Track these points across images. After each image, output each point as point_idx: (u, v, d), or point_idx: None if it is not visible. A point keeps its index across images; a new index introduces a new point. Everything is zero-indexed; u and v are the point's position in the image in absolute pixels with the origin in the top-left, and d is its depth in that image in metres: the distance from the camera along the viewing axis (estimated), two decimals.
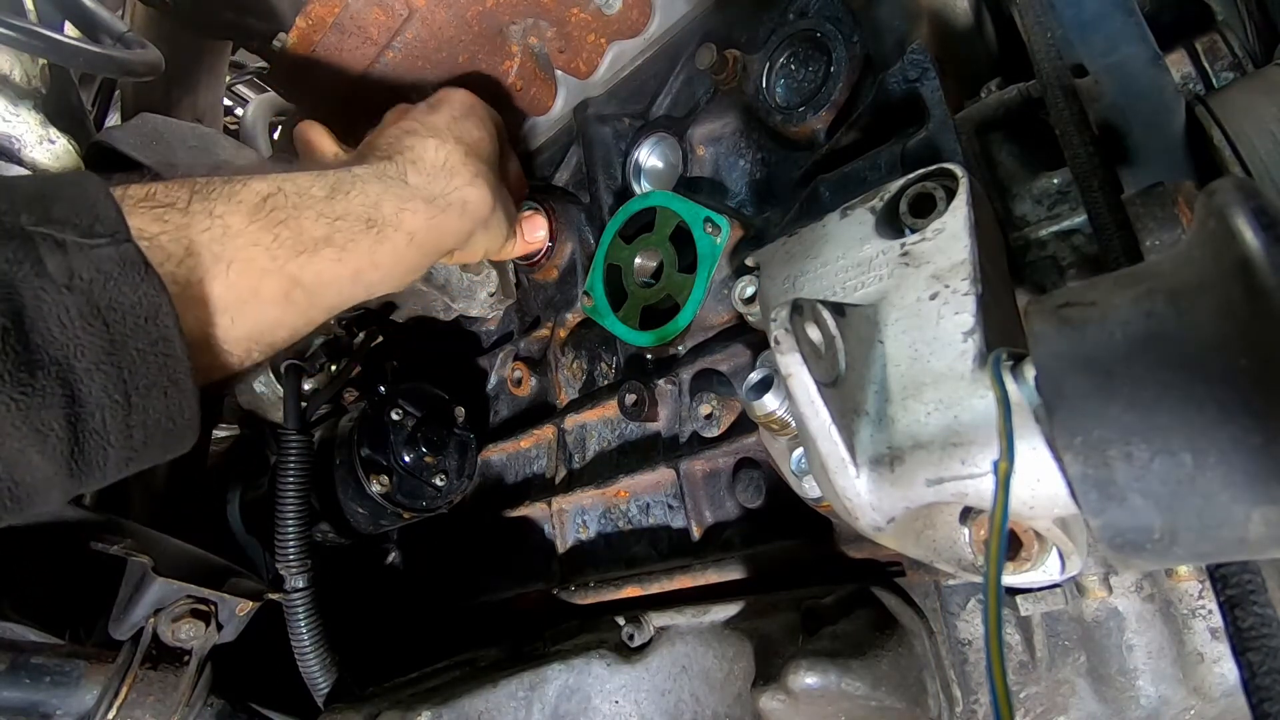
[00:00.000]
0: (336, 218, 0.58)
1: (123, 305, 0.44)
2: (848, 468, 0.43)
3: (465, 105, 0.73)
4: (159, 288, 0.46)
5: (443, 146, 0.67)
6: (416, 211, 0.63)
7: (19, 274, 0.41)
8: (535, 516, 0.95)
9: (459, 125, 0.71)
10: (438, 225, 0.65)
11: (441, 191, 0.66)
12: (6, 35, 0.62)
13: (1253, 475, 0.30)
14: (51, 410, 0.42)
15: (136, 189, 0.50)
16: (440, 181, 0.66)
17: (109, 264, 0.44)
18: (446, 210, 0.66)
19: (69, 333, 0.42)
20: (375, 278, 0.62)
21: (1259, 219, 0.29)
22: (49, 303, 0.42)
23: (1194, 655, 0.54)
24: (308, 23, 0.79)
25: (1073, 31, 0.61)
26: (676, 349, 0.79)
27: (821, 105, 0.71)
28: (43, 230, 0.43)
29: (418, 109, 0.72)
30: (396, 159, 0.65)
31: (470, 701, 0.69)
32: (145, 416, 0.46)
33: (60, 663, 0.67)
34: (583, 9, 0.85)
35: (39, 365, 0.41)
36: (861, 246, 0.53)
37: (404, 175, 0.64)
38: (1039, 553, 0.44)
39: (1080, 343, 0.34)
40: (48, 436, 0.42)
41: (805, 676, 0.55)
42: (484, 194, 0.70)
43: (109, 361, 0.44)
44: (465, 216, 0.68)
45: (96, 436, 0.44)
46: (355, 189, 0.60)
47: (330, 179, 0.59)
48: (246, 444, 1.15)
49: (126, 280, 0.45)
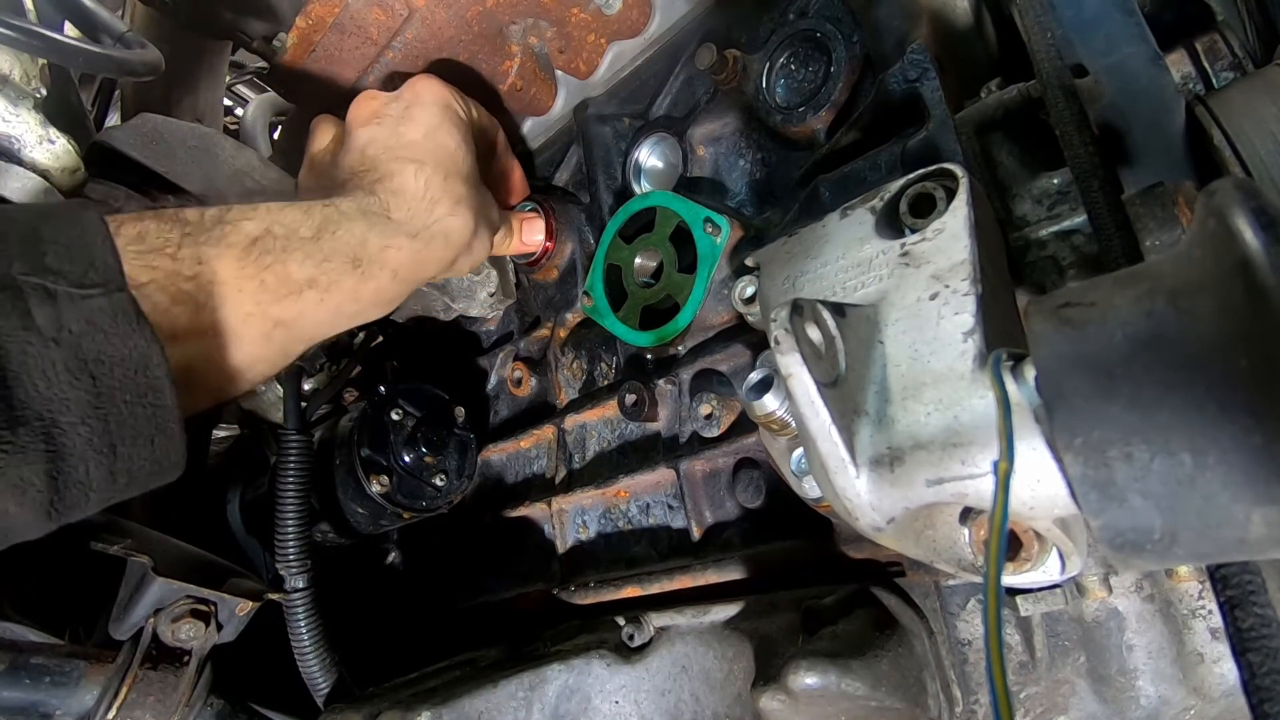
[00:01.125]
0: (323, 259, 0.58)
1: (112, 358, 0.44)
2: (848, 468, 0.43)
3: (438, 108, 0.71)
4: (150, 338, 0.46)
5: (422, 172, 0.66)
6: (400, 249, 0.63)
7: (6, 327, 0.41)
8: (535, 516, 0.95)
9: (434, 140, 0.69)
10: (421, 259, 0.66)
11: (424, 225, 0.66)
12: (6, 35, 0.62)
13: (1253, 475, 0.30)
14: (33, 466, 0.41)
15: (129, 227, 0.49)
16: (422, 214, 0.66)
17: (100, 315, 0.44)
18: (430, 244, 0.66)
19: (54, 388, 0.42)
20: (355, 310, 0.63)
21: (1259, 219, 0.29)
22: (34, 356, 0.42)
23: (1194, 655, 0.54)
24: (308, 23, 0.79)
25: (1073, 31, 0.61)
26: (676, 349, 0.79)
27: (821, 105, 0.71)
28: (34, 280, 0.43)
29: (389, 114, 0.70)
30: (379, 192, 0.64)
31: (470, 701, 0.69)
32: (130, 464, 0.46)
33: (60, 663, 0.67)
34: (583, 9, 0.85)
35: (21, 421, 0.41)
36: (861, 246, 0.53)
37: (387, 210, 0.64)
38: (1039, 553, 0.43)
39: (1080, 343, 0.34)
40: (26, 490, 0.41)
41: (805, 676, 0.55)
42: (465, 220, 0.69)
43: (95, 415, 0.43)
44: (449, 247, 0.68)
45: (79, 487, 0.44)
46: (341, 228, 0.60)
47: (317, 217, 0.59)
48: (246, 444, 1.15)
49: (117, 332, 0.44)
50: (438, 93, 0.72)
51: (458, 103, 0.74)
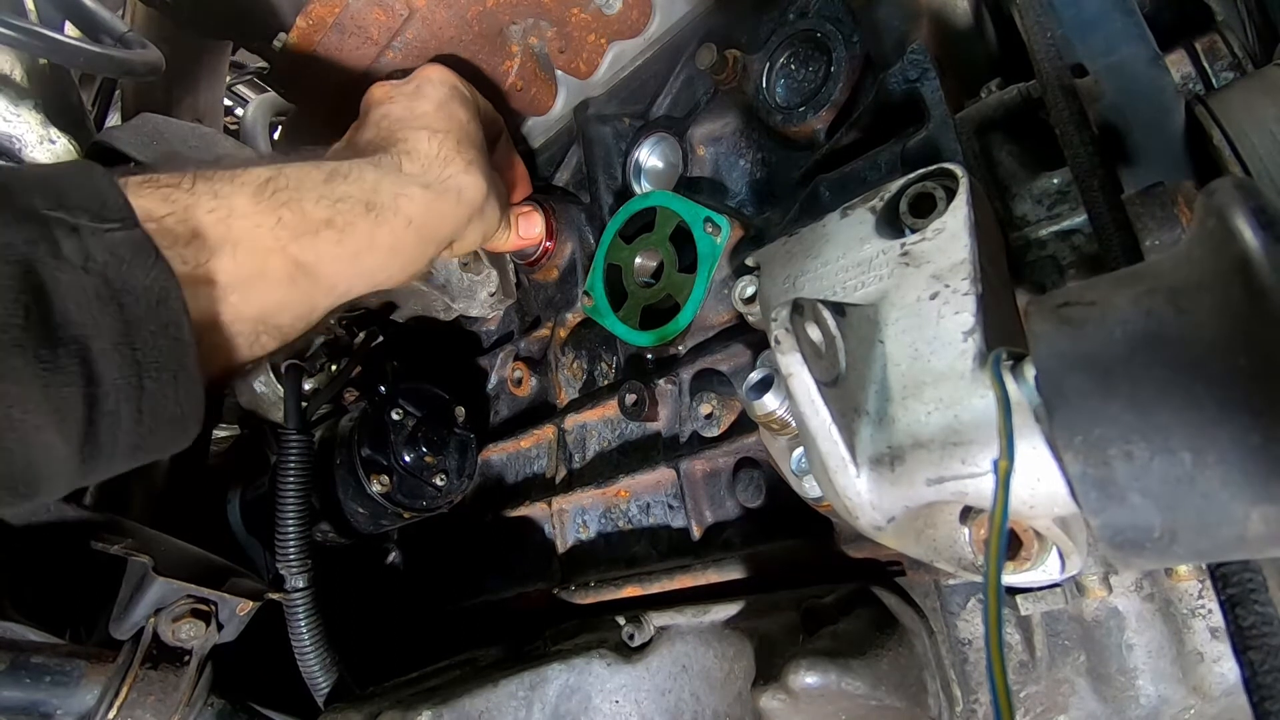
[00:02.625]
0: (337, 200, 0.58)
1: (135, 289, 0.45)
2: (848, 467, 0.43)
3: (447, 87, 0.73)
4: (168, 272, 0.46)
5: (434, 137, 0.68)
6: (413, 198, 0.64)
7: (37, 254, 0.42)
8: (535, 516, 0.95)
9: (446, 111, 0.71)
10: (435, 211, 0.66)
11: (437, 178, 0.67)
12: (7, 35, 0.62)
13: (1252, 474, 0.30)
14: (71, 389, 0.42)
15: (139, 176, 0.50)
16: (436, 169, 0.67)
17: (122, 248, 0.44)
18: (443, 196, 0.67)
19: (87, 313, 0.43)
20: (375, 263, 0.63)
21: (1259, 219, 0.29)
22: (66, 283, 0.42)
23: (1194, 654, 0.54)
24: (308, 23, 0.79)
25: (1073, 31, 0.61)
26: (676, 349, 0.79)
27: (821, 105, 0.71)
28: (56, 214, 0.43)
29: (402, 92, 0.72)
30: (391, 150, 0.66)
31: (470, 701, 0.69)
32: (155, 402, 0.46)
33: (60, 663, 0.67)
34: (583, 9, 0.85)
35: (60, 342, 0.42)
36: (861, 246, 0.53)
37: (399, 165, 0.65)
38: (1039, 552, 0.44)
39: (1080, 342, 0.34)
40: (66, 416, 0.42)
41: (805, 676, 0.55)
42: (478, 180, 0.70)
43: (125, 343, 0.44)
44: (461, 203, 0.69)
45: (110, 418, 0.44)
46: (353, 174, 0.61)
47: (327, 166, 0.60)
48: (246, 444, 1.15)
49: (139, 264, 0.45)
50: (445, 74, 0.75)
51: (465, 87, 0.76)
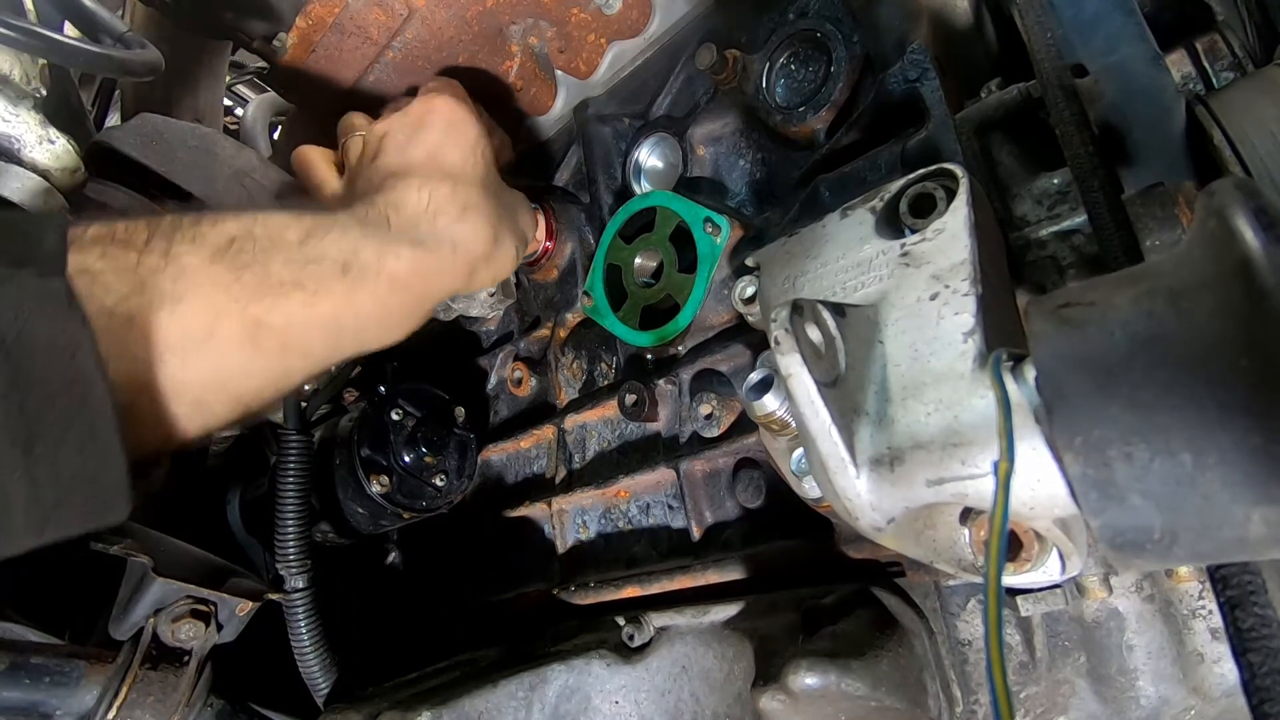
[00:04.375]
0: (308, 261, 0.55)
1: (35, 339, 0.40)
2: (848, 468, 0.43)
3: (445, 122, 0.70)
4: (81, 324, 0.42)
5: (424, 186, 0.64)
6: (400, 256, 0.60)
7: None
8: (535, 516, 0.95)
9: (440, 154, 0.68)
10: (426, 269, 0.62)
11: (428, 233, 0.63)
12: (6, 35, 0.62)
13: (1253, 475, 0.30)
14: None
15: (100, 227, 0.47)
16: (425, 224, 0.63)
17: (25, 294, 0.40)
18: (435, 251, 0.63)
19: None
20: (357, 326, 0.59)
21: (1259, 219, 0.29)
22: None
23: (1194, 655, 0.54)
24: (308, 23, 0.79)
25: (1073, 31, 0.61)
26: (676, 349, 0.79)
27: (821, 105, 0.71)
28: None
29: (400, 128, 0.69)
30: (379, 202, 0.62)
31: (470, 701, 0.69)
32: (55, 469, 0.40)
33: (60, 663, 0.67)
34: (583, 9, 0.85)
35: None
36: (861, 246, 0.53)
37: (386, 220, 0.62)
38: (1039, 553, 0.43)
39: (1080, 343, 0.34)
40: None
41: (805, 676, 0.55)
42: (475, 227, 0.67)
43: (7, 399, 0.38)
44: (458, 255, 0.65)
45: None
46: (333, 233, 0.57)
47: (307, 223, 0.56)
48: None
49: (45, 313, 0.40)
50: (447, 105, 0.71)
51: (468, 113, 0.72)
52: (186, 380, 0.48)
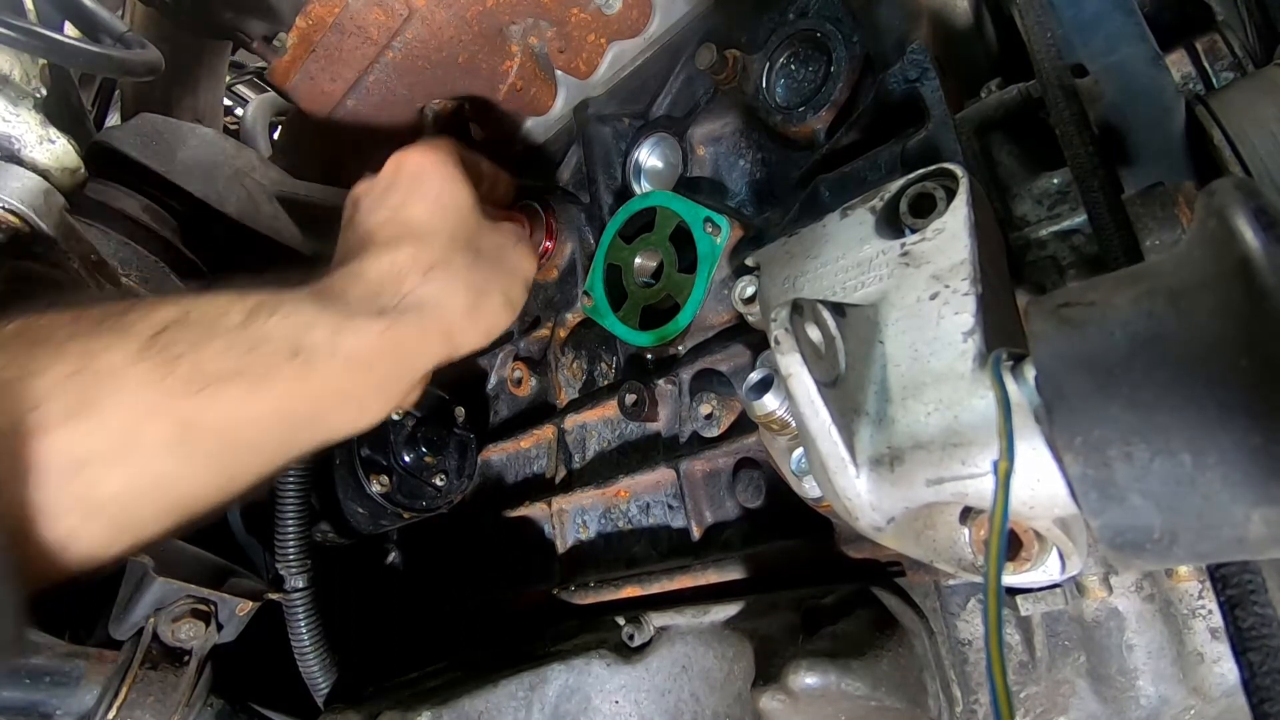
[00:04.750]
0: (251, 346, 0.49)
1: None
2: (848, 468, 0.43)
3: (410, 177, 0.65)
4: None
5: (386, 250, 0.60)
6: (359, 331, 0.54)
7: None
8: (535, 516, 0.95)
9: (403, 213, 0.63)
10: (393, 341, 0.56)
11: (391, 303, 0.57)
12: (6, 35, 0.62)
13: (1252, 475, 0.30)
14: None
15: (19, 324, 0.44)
16: (388, 291, 0.58)
17: None
18: (400, 321, 0.57)
19: None
20: (313, 412, 0.53)
21: (1259, 219, 0.29)
22: None
23: (1194, 655, 0.54)
24: (308, 23, 0.79)
25: (1073, 31, 0.61)
26: (676, 349, 0.79)
27: (821, 105, 0.71)
28: None
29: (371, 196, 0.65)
30: (337, 274, 0.58)
31: (470, 701, 0.69)
32: None
33: (60, 663, 0.67)
34: (583, 9, 0.85)
35: None
36: (861, 246, 0.53)
37: (344, 292, 0.56)
38: (1039, 553, 0.43)
39: (1080, 343, 0.34)
40: None
41: (805, 676, 0.55)
42: (445, 286, 0.61)
43: None
44: (427, 319, 0.59)
45: None
46: (279, 312, 0.51)
47: (251, 302, 0.51)
48: None
49: None
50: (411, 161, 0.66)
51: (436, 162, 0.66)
52: (103, 495, 0.44)
